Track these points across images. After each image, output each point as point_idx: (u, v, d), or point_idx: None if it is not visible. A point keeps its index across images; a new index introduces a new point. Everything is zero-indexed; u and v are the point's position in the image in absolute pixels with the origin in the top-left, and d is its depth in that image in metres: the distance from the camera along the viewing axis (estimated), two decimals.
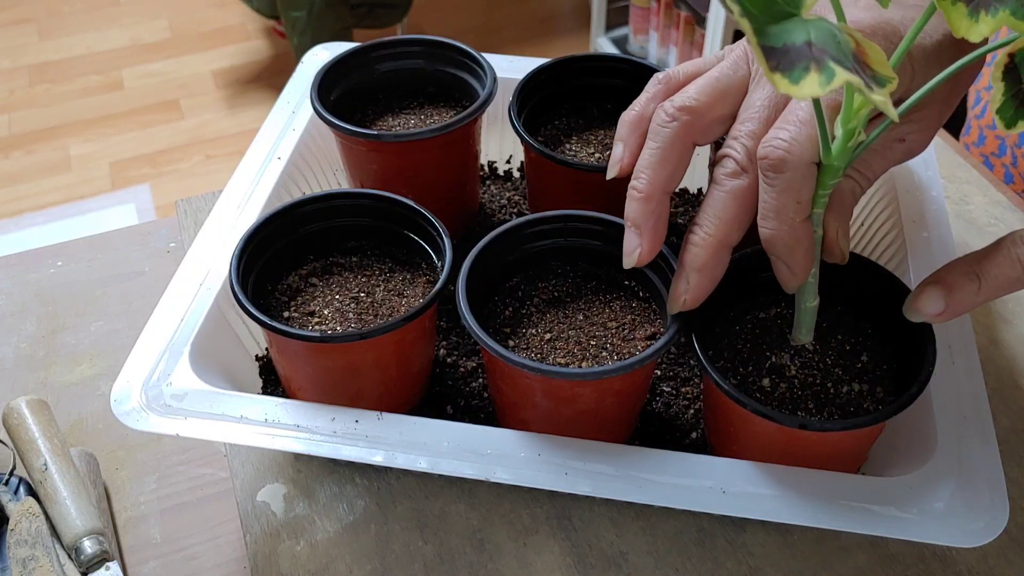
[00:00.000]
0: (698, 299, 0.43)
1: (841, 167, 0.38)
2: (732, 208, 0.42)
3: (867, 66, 0.31)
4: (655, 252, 0.44)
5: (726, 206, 0.42)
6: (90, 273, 0.67)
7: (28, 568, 0.44)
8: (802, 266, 0.41)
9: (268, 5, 2.16)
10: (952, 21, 0.32)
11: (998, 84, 0.34)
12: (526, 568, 0.48)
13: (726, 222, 0.42)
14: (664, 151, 0.43)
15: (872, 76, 0.31)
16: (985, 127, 0.85)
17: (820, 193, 0.40)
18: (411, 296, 0.50)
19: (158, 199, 2.06)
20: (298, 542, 0.49)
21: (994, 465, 0.43)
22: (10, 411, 0.51)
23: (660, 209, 0.44)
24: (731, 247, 0.43)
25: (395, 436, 0.44)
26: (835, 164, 0.38)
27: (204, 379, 0.46)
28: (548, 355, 0.46)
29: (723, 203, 0.42)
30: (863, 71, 0.30)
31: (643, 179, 0.44)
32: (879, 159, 0.42)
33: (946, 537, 0.41)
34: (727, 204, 0.42)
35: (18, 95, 2.35)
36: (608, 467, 0.43)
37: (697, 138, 0.44)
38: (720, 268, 0.43)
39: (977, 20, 0.32)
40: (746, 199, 0.42)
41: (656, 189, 0.43)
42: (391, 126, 0.60)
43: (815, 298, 0.44)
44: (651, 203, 0.43)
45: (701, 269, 0.42)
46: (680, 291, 0.43)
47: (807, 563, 0.48)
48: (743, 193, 0.41)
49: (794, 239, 0.40)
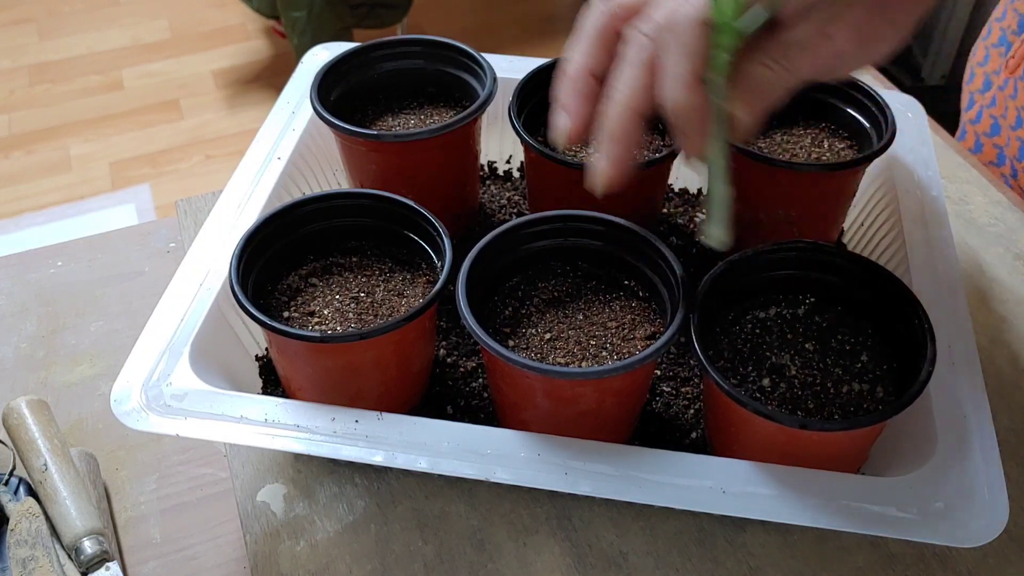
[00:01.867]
0: (618, 170, 0.44)
1: (731, 24, 0.38)
2: (640, 77, 0.42)
3: None
4: (584, 131, 0.45)
5: (632, 74, 0.42)
6: (90, 273, 0.67)
7: (28, 568, 0.44)
8: (699, 129, 0.41)
9: (268, 5, 2.16)
10: None
11: None
12: (526, 568, 0.48)
13: (635, 90, 0.42)
14: (589, 35, 0.45)
15: None
16: (982, 134, 0.84)
17: (716, 54, 0.40)
18: (411, 296, 0.50)
19: (158, 199, 2.06)
20: (298, 542, 0.49)
21: (994, 465, 0.43)
22: (10, 411, 0.51)
23: (587, 89, 0.45)
24: (642, 116, 0.43)
25: (395, 436, 0.44)
26: (725, 20, 0.38)
27: (204, 379, 0.46)
28: (548, 355, 0.46)
29: (630, 73, 0.43)
30: None
31: (569, 62, 0.45)
32: (806, 56, 0.41)
33: (946, 537, 0.40)
34: (633, 73, 0.42)
35: (18, 95, 2.35)
36: (608, 467, 0.43)
37: (619, 25, 0.45)
38: (635, 136, 0.43)
39: None
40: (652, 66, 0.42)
41: (581, 69, 0.45)
42: (391, 126, 0.60)
43: (726, 184, 0.42)
44: (575, 82, 0.45)
45: (614, 137, 0.43)
46: (598, 166, 0.44)
47: (807, 563, 0.48)
48: (648, 61, 0.42)
49: (684, 100, 0.40)
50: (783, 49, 0.41)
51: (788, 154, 0.57)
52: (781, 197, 0.55)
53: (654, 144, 0.59)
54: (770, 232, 0.57)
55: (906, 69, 2.10)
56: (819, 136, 0.58)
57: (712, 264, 0.48)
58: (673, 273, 0.46)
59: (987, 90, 0.83)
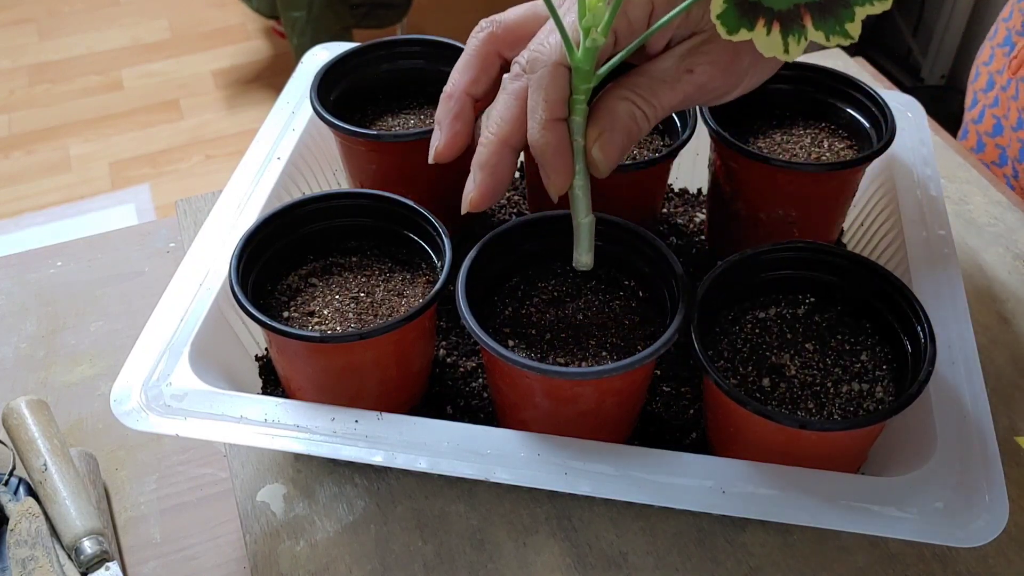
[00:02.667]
0: (484, 197, 0.45)
1: (588, 70, 0.40)
2: (513, 108, 0.44)
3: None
4: (452, 149, 0.47)
5: (507, 106, 0.44)
6: (90, 273, 0.67)
7: (28, 568, 0.44)
8: (556, 168, 0.43)
9: (268, 5, 2.16)
10: None
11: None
12: (526, 568, 0.48)
13: (507, 121, 0.44)
14: (470, 57, 0.47)
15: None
16: (984, 134, 0.84)
17: (576, 99, 0.41)
18: (411, 296, 0.50)
19: (158, 199, 2.06)
20: (298, 542, 0.49)
21: (994, 465, 0.43)
22: (10, 411, 0.51)
23: (461, 109, 0.47)
24: (515, 148, 0.44)
25: (395, 436, 0.44)
26: (581, 66, 0.40)
27: (204, 379, 0.46)
28: (548, 355, 0.46)
29: (504, 104, 0.44)
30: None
31: (450, 81, 0.47)
32: (668, 89, 0.42)
33: (946, 537, 0.40)
34: (508, 104, 0.44)
35: (18, 95, 2.35)
36: (608, 467, 0.43)
37: (502, 49, 0.47)
38: (504, 168, 0.45)
39: None
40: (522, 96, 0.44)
41: (458, 89, 0.47)
42: (391, 126, 0.60)
43: (587, 214, 0.45)
44: (450, 102, 0.47)
45: (483, 166, 0.44)
46: (468, 189, 0.45)
47: (807, 563, 0.48)
48: (523, 94, 0.43)
49: (544, 139, 0.42)
50: (646, 83, 0.42)
51: (788, 154, 0.57)
52: (781, 197, 0.56)
53: (654, 144, 0.59)
54: (770, 232, 0.57)
55: (906, 69, 2.10)
56: (819, 136, 0.58)
57: (712, 264, 0.48)
58: (673, 273, 0.46)
59: (990, 90, 0.83)
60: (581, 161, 0.43)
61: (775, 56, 0.37)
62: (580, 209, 0.44)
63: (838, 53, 0.86)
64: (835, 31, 0.37)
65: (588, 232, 0.45)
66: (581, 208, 0.44)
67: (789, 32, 0.37)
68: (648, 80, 0.42)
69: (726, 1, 0.37)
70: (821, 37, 0.37)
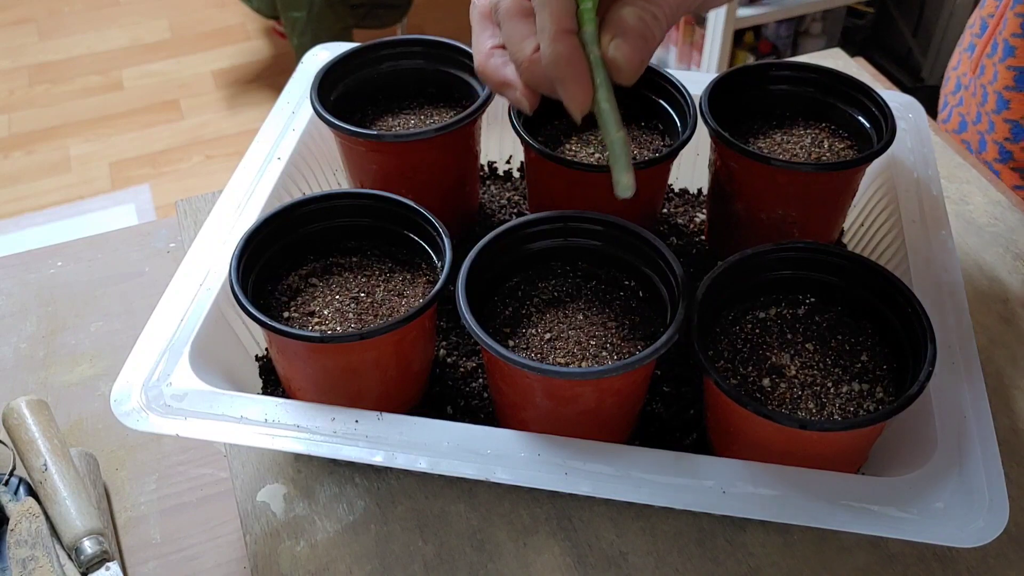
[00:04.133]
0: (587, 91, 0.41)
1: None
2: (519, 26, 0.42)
3: None
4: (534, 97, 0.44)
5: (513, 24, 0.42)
6: (90, 273, 0.67)
7: (28, 568, 0.44)
8: (573, 78, 0.40)
9: (268, 5, 2.16)
10: None
11: None
12: (526, 568, 0.48)
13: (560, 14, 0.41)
14: (476, 24, 0.45)
15: None
16: (951, 132, 0.86)
17: (584, 7, 0.40)
18: (411, 296, 0.50)
19: (158, 199, 2.06)
20: (298, 542, 0.49)
21: (994, 465, 0.43)
22: (10, 411, 0.51)
23: (502, 66, 0.44)
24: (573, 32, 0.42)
25: (395, 436, 0.44)
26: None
27: (204, 379, 0.46)
28: (548, 355, 0.46)
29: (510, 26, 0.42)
30: None
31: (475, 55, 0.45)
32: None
33: (946, 537, 0.40)
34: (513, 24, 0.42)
35: (18, 95, 2.35)
36: (608, 467, 0.43)
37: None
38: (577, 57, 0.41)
39: None
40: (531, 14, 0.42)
41: (482, 55, 0.44)
42: (391, 126, 0.60)
43: (619, 128, 0.41)
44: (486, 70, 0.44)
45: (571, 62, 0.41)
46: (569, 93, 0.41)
47: (807, 563, 0.48)
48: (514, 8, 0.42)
49: (555, 51, 0.40)
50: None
51: (788, 154, 0.57)
52: (781, 197, 0.56)
53: (654, 144, 0.59)
54: (770, 232, 0.57)
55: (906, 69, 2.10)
56: (819, 136, 0.58)
57: (712, 264, 0.48)
58: (673, 273, 0.46)
59: (957, 91, 0.85)
60: (602, 73, 0.41)
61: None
62: (610, 124, 0.41)
63: (838, 53, 0.86)
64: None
65: (623, 148, 0.41)
66: (611, 122, 0.41)
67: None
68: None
69: None
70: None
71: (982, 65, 0.79)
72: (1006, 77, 0.75)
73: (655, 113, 0.59)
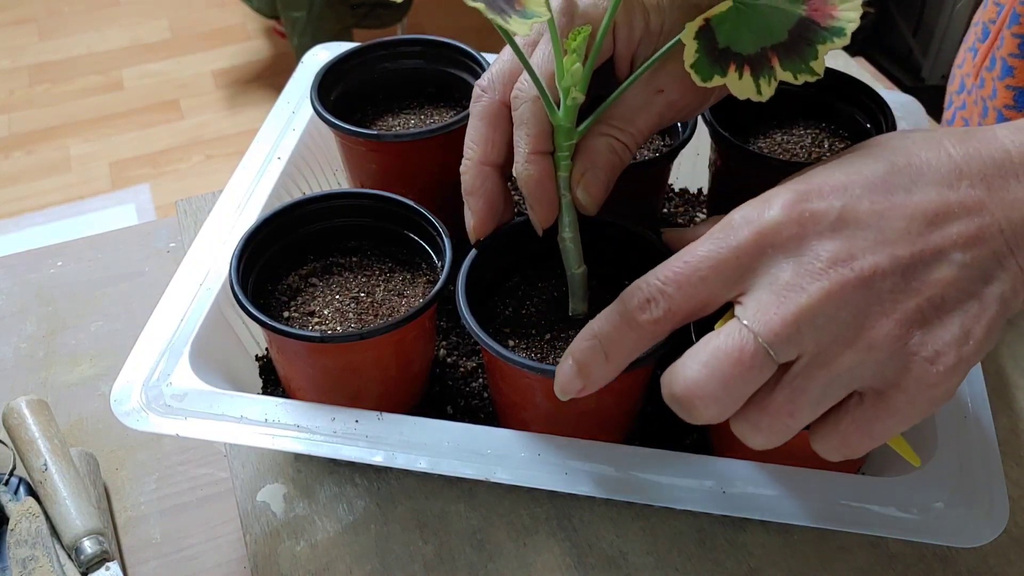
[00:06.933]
0: (483, 222, 0.46)
1: (569, 127, 0.41)
2: (482, 128, 0.44)
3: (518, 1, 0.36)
4: (487, 224, 0.46)
5: (475, 127, 0.45)
6: (90, 273, 0.67)
7: (28, 568, 0.44)
8: (539, 200, 0.43)
9: (268, 5, 2.16)
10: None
11: (691, 43, 0.38)
12: (526, 568, 0.48)
13: (478, 142, 0.44)
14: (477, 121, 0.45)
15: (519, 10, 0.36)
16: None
17: (560, 155, 0.42)
18: (411, 296, 0.50)
19: (158, 199, 2.06)
20: (298, 542, 0.49)
21: (994, 465, 0.43)
22: (10, 411, 0.51)
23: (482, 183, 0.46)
24: (497, 166, 0.45)
25: (395, 436, 0.44)
26: (563, 124, 0.41)
27: (204, 379, 0.46)
28: (548, 355, 0.46)
29: (472, 127, 0.45)
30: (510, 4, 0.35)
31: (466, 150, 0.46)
32: (642, 115, 0.43)
33: (946, 537, 0.41)
34: (475, 126, 0.45)
35: (18, 95, 2.35)
36: (608, 467, 0.43)
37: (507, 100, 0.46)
38: (492, 188, 0.45)
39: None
40: (494, 116, 0.44)
41: (473, 162, 0.45)
42: (391, 126, 0.60)
43: (580, 265, 0.45)
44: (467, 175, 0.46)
45: (471, 192, 0.45)
46: (467, 220, 0.46)
47: (807, 563, 0.48)
48: (488, 111, 0.44)
49: (527, 171, 0.42)
50: (620, 113, 0.42)
51: (788, 154, 0.57)
52: None
53: (654, 144, 0.59)
54: None
55: (906, 69, 2.10)
56: (819, 136, 0.58)
57: None
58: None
59: (961, 92, 0.85)
60: (571, 213, 0.44)
61: (749, 98, 0.38)
62: (572, 261, 0.45)
63: (838, 53, 0.86)
64: (801, 70, 0.38)
65: (581, 283, 0.46)
66: (573, 259, 0.45)
67: (760, 75, 0.38)
68: (621, 111, 0.42)
69: (698, 51, 0.38)
70: (790, 76, 0.38)
71: (982, 78, 0.79)
72: (1005, 96, 0.75)
73: None
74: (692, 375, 0.35)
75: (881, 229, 0.34)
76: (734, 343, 0.34)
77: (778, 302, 0.34)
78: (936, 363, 0.33)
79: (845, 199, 0.35)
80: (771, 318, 0.34)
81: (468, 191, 0.45)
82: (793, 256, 0.35)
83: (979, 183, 0.35)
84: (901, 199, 0.35)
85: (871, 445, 0.36)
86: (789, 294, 0.34)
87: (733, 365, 0.34)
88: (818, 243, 0.34)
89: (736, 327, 0.35)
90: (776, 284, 0.34)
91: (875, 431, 0.35)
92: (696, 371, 0.35)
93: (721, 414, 0.35)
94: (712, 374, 0.34)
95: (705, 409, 0.35)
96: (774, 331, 0.34)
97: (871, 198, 0.35)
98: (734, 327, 0.35)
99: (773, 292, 0.34)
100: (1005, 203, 0.35)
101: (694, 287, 0.36)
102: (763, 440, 0.36)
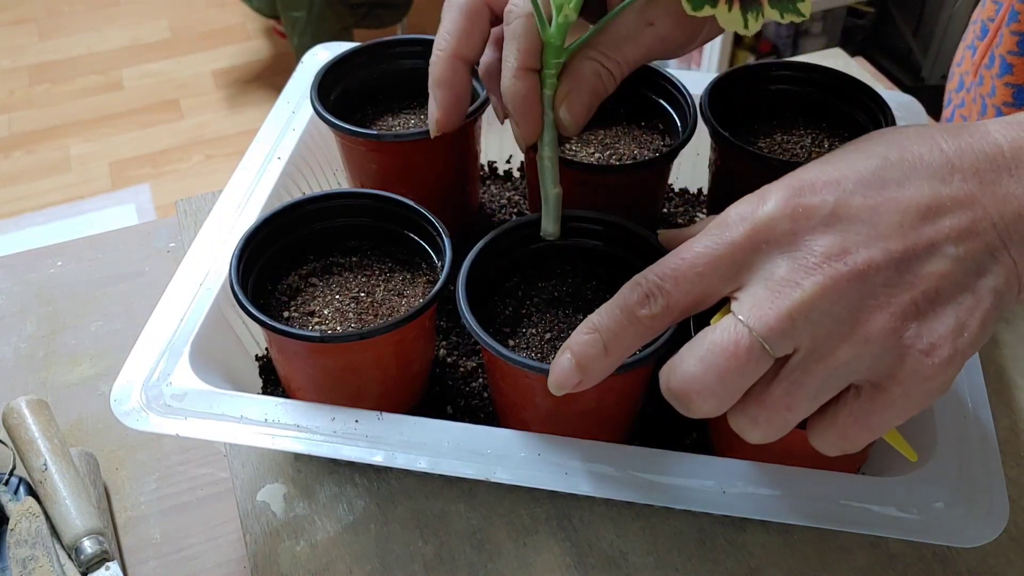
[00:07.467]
0: (448, 115, 0.47)
1: (559, 45, 0.42)
2: (461, 21, 0.45)
3: None
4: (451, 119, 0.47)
5: (454, 20, 0.45)
6: (90, 273, 0.67)
7: (28, 568, 0.44)
8: (524, 115, 0.44)
9: (268, 5, 2.16)
10: None
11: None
12: (526, 568, 0.48)
13: (454, 35, 0.45)
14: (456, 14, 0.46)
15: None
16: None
17: (547, 73, 0.43)
18: (411, 296, 0.50)
19: (158, 199, 2.06)
20: (298, 542, 0.49)
21: (994, 465, 0.43)
22: (10, 411, 0.51)
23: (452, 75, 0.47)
24: (468, 62, 0.46)
25: (395, 436, 0.44)
26: (552, 42, 0.42)
27: (204, 379, 0.46)
28: (548, 355, 0.46)
29: (450, 19, 0.45)
30: None
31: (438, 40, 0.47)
32: (631, 44, 0.43)
33: (946, 537, 0.41)
34: (455, 18, 0.45)
35: (18, 95, 2.36)
36: (608, 467, 0.43)
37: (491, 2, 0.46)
38: (460, 82, 0.46)
39: None
40: (475, 13, 0.45)
41: (445, 53, 0.46)
42: (391, 126, 0.60)
43: (556, 186, 0.46)
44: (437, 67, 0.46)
45: (440, 83, 0.46)
46: (431, 111, 0.47)
47: (807, 563, 0.48)
48: (471, 6, 0.45)
49: (514, 87, 0.43)
50: (609, 40, 0.43)
51: (788, 154, 0.57)
52: None
53: (654, 144, 0.59)
54: None
55: (906, 69, 2.10)
56: (819, 136, 0.58)
57: None
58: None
59: (960, 91, 0.84)
60: (551, 132, 0.44)
61: (735, 30, 0.39)
62: (548, 180, 0.46)
63: (838, 53, 0.86)
64: (789, 10, 0.39)
65: (555, 203, 0.47)
66: (549, 179, 0.46)
67: (748, 10, 0.39)
68: (610, 37, 0.43)
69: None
70: (776, 15, 0.39)
71: (981, 76, 0.79)
72: (1004, 94, 0.75)
73: (655, 113, 0.59)
74: (689, 369, 0.35)
75: (874, 223, 0.34)
76: (729, 338, 0.34)
77: (773, 297, 0.34)
78: (931, 355, 0.33)
79: (838, 194, 0.35)
80: (766, 313, 0.34)
81: (437, 83, 0.46)
82: (788, 251, 0.35)
83: (971, 177, 0.35)
84: (894, 193, 0.35)
85: (869, 438, 0.36)
86: (784, 289, 0.34)
87: (728, 359, 0.34)
88: (812, 238, 0.35)
89: (731, 322, 0.35)
90: (771, 279, 0.35)
91: (873, 424, 0.35)
92: (693, 366, 0.35)
93: (718, 408, 0.35)
94: (708, 368, 0.35)
95: (702, 403, 0.35)
96: (769, 325, 0.34)
97: (864, 192, 0.35)
98: (729, 322, 0.35)
99: (768, 287, 0.34)
100: (997, 197, 0.35)
101: (691, 283, 0.36)
102: (761, 434, 0.36)
